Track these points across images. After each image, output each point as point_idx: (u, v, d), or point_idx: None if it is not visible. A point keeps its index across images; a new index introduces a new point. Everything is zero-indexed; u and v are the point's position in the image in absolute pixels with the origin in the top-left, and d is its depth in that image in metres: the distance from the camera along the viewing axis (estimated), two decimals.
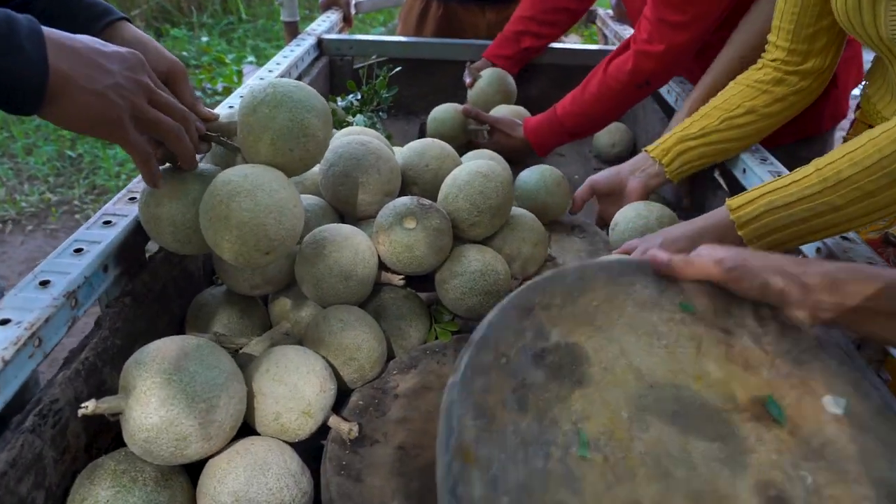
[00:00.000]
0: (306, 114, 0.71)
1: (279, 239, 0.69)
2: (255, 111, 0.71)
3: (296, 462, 0.65)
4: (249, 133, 0.71)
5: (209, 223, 0.68)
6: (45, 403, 0.59)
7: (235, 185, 0.67)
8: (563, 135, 1.35)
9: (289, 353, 0.71)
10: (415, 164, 0.99)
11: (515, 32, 1.60)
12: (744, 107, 0.99)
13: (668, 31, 1.12)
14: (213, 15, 4.90)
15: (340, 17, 1.92)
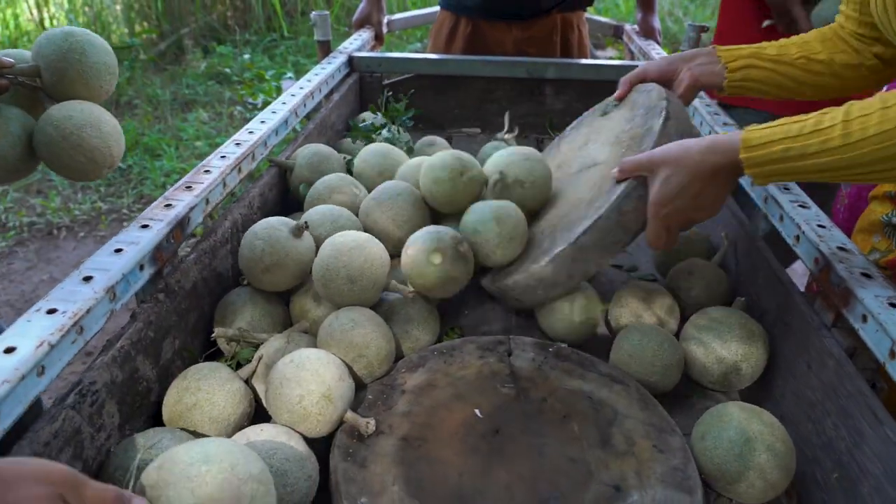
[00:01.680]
0: (107, 56, 0.84)
1: (116, 156, 0.83)
2: (64, 58, 0.80)
3: (302, 447, 0.70)
4: (62, 75, 0.81)
5: (60, 149, 0.79)
6: (85, 384, 0.66)
7: (80, 119, 0.79)
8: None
9: (310, 349, 0.77)
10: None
11: None
12: (824, 53, 0.95)
13: None
14: (256, 32, 5.09)
15: (372, 35, 2.00)
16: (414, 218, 1.02)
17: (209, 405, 0.75)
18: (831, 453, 0.73)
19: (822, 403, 0.76)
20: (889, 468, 0.64)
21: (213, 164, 1.00)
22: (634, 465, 0.72)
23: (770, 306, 0.92)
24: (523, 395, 0.82)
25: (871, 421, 0.67)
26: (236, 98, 3.98)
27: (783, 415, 0.84)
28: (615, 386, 0.83)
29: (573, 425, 0.77)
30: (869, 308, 0.71)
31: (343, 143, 1.48)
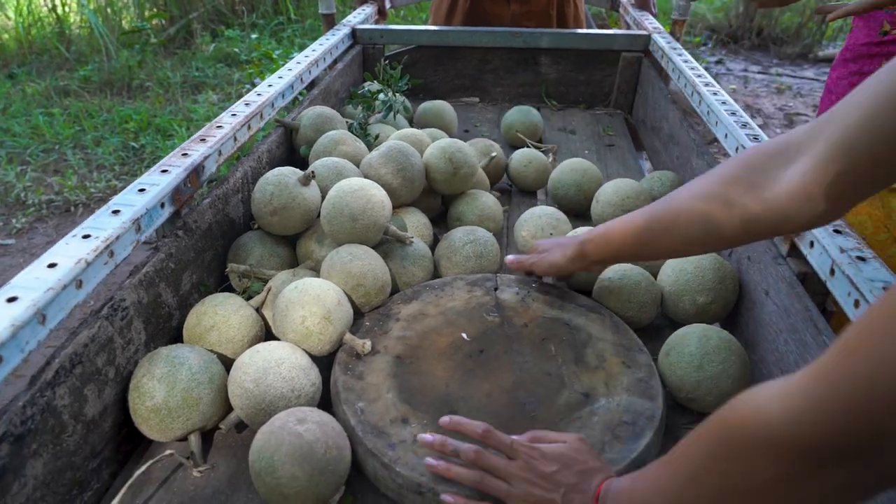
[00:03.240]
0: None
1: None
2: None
3: (306, 359, 0.79)
4: None
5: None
6: (116, 300, 0.75)
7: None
8: None
9: (312, 279, 0.86)
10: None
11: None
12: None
13: None
14: (264, 16, 5.16)
15: (375, 10, 2.07)
16: (415, 180, 1.10)
17: (225, 327, 0.84)
18: (783, 367, 0.81)
19: (776, 324, 0.84)
20: None
21: (224, 120, 1.09)
22: (603, 378, 0.81)
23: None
24: (507, 322, 0.90)
25: (814, 332, 0.75)
26: (245, 79, 4.06)
27: (746, 339, 0.92)
28: (591, 315, 0.92)
29: (550, 346, 0.86)
30: (815, 235, 0.79)
31: (346, 110, 1.56)
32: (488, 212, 1.15)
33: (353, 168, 1.09)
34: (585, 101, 1.85)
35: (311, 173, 0.99)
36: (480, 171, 1.24)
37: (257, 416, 0.74)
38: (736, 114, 1.15)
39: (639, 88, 1.78)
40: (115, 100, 3.91)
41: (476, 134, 1.67)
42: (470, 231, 1.04)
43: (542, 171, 1.33)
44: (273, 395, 0.74)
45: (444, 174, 1.13)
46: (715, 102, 1.21)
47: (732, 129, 1.10)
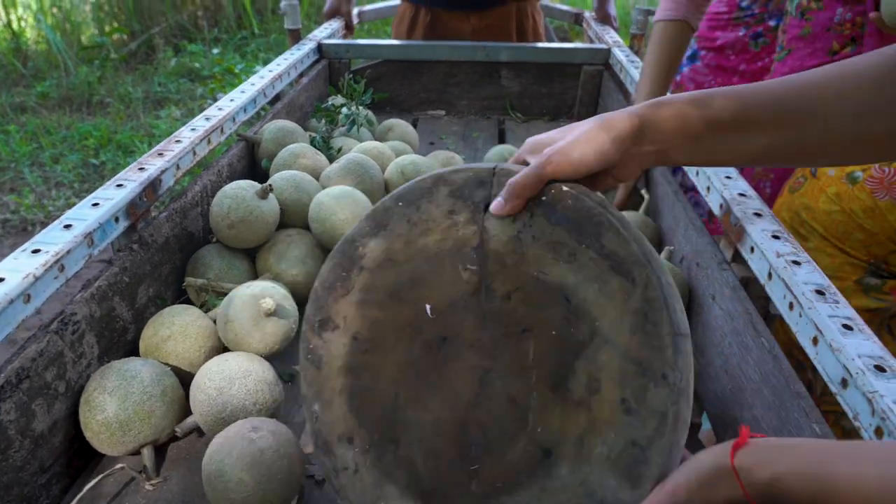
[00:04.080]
0: None
1: None
2: None
3: (272, 374, 0.80)
4: None
5: None
6: (67, 314, 0.74)
7: None
8: None
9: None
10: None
11: None
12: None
13: None
14: (227, 30, 5.14)
15: (342, 25, 2.09)
16: (373, 193, 1.12)
17: (182, 337, 0.83)
18: (727, 369, 0.84)
19: (721, 328, 0.88)
20: (764, 373, 0.75)
21: (183, 135, 1.09)
22: (582, 425, 0.54)
23: (688, 251, 1.03)
24: (485, 287, 0.61)
25: (753, 334, 0.78)
26: (207, 94, 4.04)
27: (696, 343, 0.96)
28: (613, 280, 0.56)
29: (530, 347, 0.58)
30: (755, 240, 0.82)
31: (310, 124, 1.57)
32: None
33: (311, 181, 1.09)
34: (549, 114, 1.89)
35: (268, 186, 1.00)
36: None
37: (215, 424, 0.74)
38: None
39: (600, 101, 1.83)
40: (74, 116, 3.84)
41: (441, 146, 1.69)
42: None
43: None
44: (234, 406, 0.74)
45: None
46: None
47: None
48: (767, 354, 0.75)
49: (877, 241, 1.04)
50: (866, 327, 0.67)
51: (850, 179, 1.06)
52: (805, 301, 0.71)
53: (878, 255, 1.05)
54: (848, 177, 1.06)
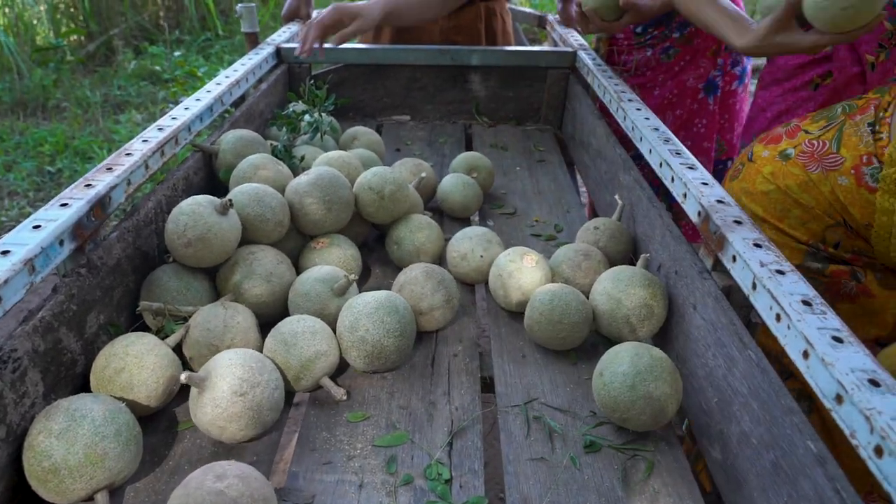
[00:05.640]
0: None
1: None
2: None
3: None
4: None
5: None
6: (6, 351, 0.68)
7: None
8: None
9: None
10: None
11: None
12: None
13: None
14: (190, 32, 5.00)
15: (302, 28, 2.03)
16: (342, 210, 1.07)
17: (138, 368, 0.77)
18: (712, 381, 0.82)
19: (704, 339, 0.85)
20: (752, 386, 0.73)
21: (134, 147, 1.02)
22: None
23: (665, 259, 1.01)
24: None
25: (739, 346, 0.76)
26: (170, 97, 3.92)
27: (677, 353, 0.93)
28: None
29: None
30: (737, 249, 0.80)
31: (271, 132, 1.51)
32: (427, 232, 1.12)
33: (274, 194, 1.04)
34: (516, 118, 1.86)
35: (227, 202, 0.94)
36: (413, 192, 1.22)
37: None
38: (659, 129, 1.17)
39: (567, 104, 1.81)
40: (28, 121, 3.68)
41: (407, 153, 1.64)
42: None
43: (472, 198, 1.31)
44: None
45: (374, 206, 1.11)
46: (639, 118, 1.23)
47: (656, 145, 1.11)
48: (755, 367, 0.73)
49: (813, 215, 1.05)
50: (855, 338, 0.64)
51: (783, 157, 1.07)
52: (793, 313, 0.68)
53: (816, 231, 1.06)
54: (781, 154, 1.08)
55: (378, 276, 1.15)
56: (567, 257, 1.05)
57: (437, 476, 0.76)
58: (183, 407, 0.85)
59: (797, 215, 1.07)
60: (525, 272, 1.01)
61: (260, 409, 0.78)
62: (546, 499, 0.74)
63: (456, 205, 1.30)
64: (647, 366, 0.80)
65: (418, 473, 0.77)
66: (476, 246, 1.08)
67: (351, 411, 0.86)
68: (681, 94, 1.66)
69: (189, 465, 0.77)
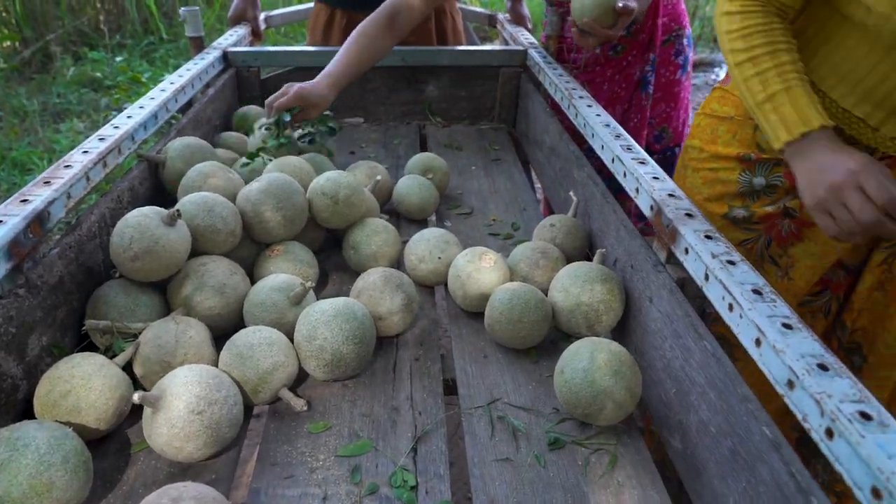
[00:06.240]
0: None
1: None
2: None
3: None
4: None
5: None
6: None
7: None
8: None
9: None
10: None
11: None
12: None
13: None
14: (132, 36, 4.84)
15: (249, 31, 1.98)
16: (295, 218, 1.05)
17: (85, 391, 0.74)
18: (670, 372, 0.83)
19: (661, 331, 0.86)
20: (709, 375, 0.74)
21: (74, 158, 0.98)
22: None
23: (621, 253, 1.02)
24: None
25: (695, 337, 0.77)
26: (113, 104, 3.78)
27: (635, 346, 0.94)
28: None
29: None
30: (689, 242, 0.81)
31: (221, 138, 1.47)
32: (384, 235, 1.10)
33: (225, 203, 1.01)
34: (470, 117, 1.86)
35: (175, 212, 0.91)
36: (369, 195, 1.20)
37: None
38: (610, 125, 1.19)
39: (520, 103, 1.82)
40: None
41: (362, 155, 1.63)
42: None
43: (428, 199, 1.30)
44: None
45: (329, 212, 1.09)
46: (591, 114, 1.25)
47: (608, 141, 1.13)
48: (711, 357, 0.74)
49: (738, 123, 1.10)
50: (804, 324, 0.66)
51: (711, 94, 1.19)
52: (745, 302, 0.70)
53: (745, 138, 1.09)
54: (711, 92, 1.19)
55: (336, 282, 1.14)
56: (525, 255, 1.05)
57: (403, 483, 0.75)
58: (136, 428, 0.82)
59: (725, 129, 1.13)
60: (483, 272, 1.01)
61: (218, 427, 0.75)
62: (512, 499, 0.74)
63: (413, 206, 1.29)
64: (606, 361, 0.80)
65: (383, 482, 0.76)
66: (434, 248, 1.07)
67: (312, 422, 0.84)
68: (628, 88, 1.69)
69: (144, 488, 0.74)
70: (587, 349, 0.82)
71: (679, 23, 1.68)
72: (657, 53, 1.66)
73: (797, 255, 1.07)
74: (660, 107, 1.73)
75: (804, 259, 1.07)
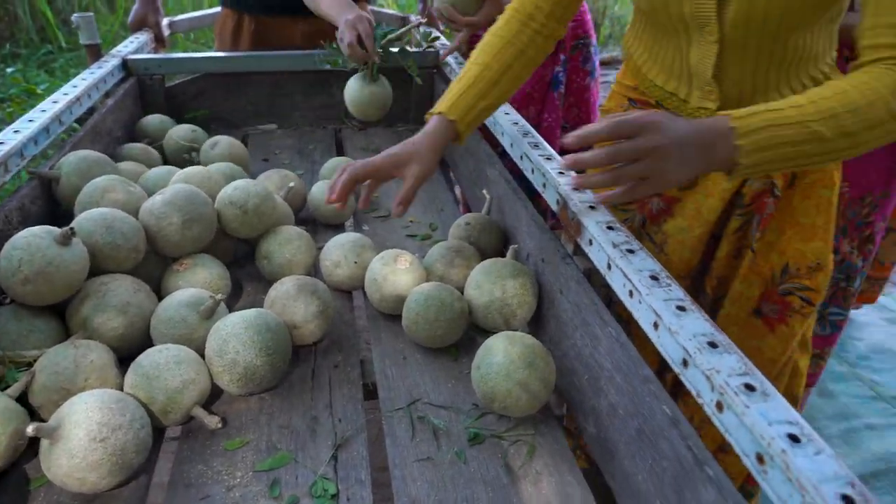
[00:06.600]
0: None
1: None
2: None
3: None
4: None
5: None
6: None
7: None
8: None
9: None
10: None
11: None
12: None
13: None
14: (27, 45, 4.55)
15: (151, 37, 1.91)
16: (203, 230, 1.02)
17: None
18: (582, 360, 0.86)
19: (571, 321, 0.89)
20: (615, 360, 0.77)
21: None
22: None
23: (532, 248, 1.05)
24: None
25: (601, 324, 0.80)
26: (6, 118, 3.54)
27: (550, 337, 0.97)
28: None
29: None
30: (592, 233, 0.84)
31: (124, 150, 1.40)
32: (297, 243, 1.08)
33: (126, 218, 0.97)
34: (386, 119, 1.85)
35: (69, 231, 0.86)
36: (282, 203, 1.18)
37: None
38: (518, 123, 1.21)
39: (434, 104, 1.83)
40: None
41: (276, 162, 1.59)
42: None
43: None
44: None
45: (239, 221, 1.06)
46: (500, 113, 1.27)
47: (516, 139, 1.15)
48: (615, 343, 0.77)
49: (632, 66, 1.11)
50: (696, 305, 0.70)
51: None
52: (643, 288, 0.73)
53: (638, 69, 1.09)
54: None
55: (250, 293, 1.11)
56: (440, 255, 1.06)
57: (323, 492, 0.75)
58: (35, 462, 0.77)
59: (622, 69, 1.15)
60: (399, 274, 1.01)
61: (124, 453, 0.72)
62: (434, 497, 0.75)
63: (328, 212, 1.28)
64: (520, 354, 0.82)
65: (304, 493, 0.75)
66: (349, 253, 1.07)
67: (228, 439, 0.82)
68: (541, 88, 1.74)
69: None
70: (501, 344, 0.84)
71: (585, 31, 1.74)
72: (567, 55, 1.71)
73: (669, 230, 1.07)
74: (572, 111, 1.79)
75: (675, 234, 1.07)
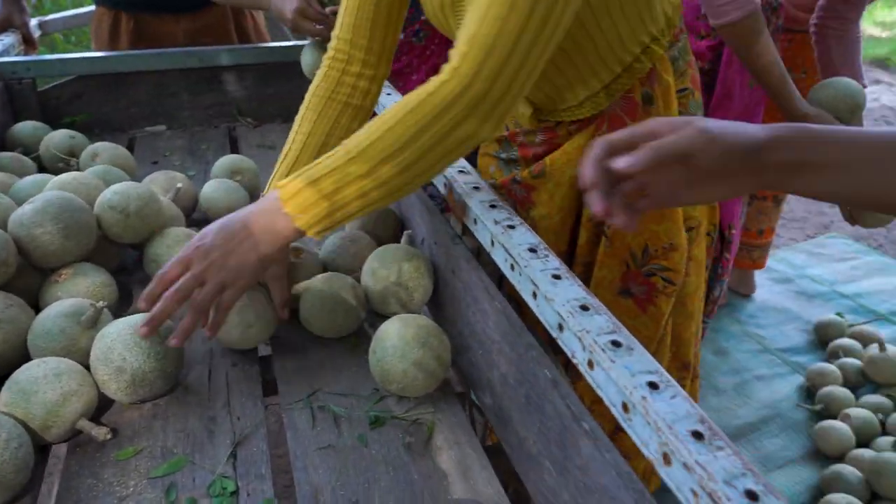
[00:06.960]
0: None
1: None
2: None
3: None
4: None
5: None
6: None
7: None
8: None
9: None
10: None
11: None
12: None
13: None
14: None
15: (19, 39, 1.78)
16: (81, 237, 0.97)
17: None
18: (475, 335, 0.89)
19: (464, 299, 0.92)
20: (502, 331, 0.81)
21: None
22: None
23: (426, 232, 1.07)
24: None
25: (488, 299, 0.84)
26: None
27: (446, 317, 1.00)
28: None
29: None
30: (476, 212, 0.87)
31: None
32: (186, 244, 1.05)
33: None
34: (281, 115, 1.83)
35: None
36: (171, 205, 1.14)
37: None
38: None
39: None
40: None
41: (166, 164, 1.53)
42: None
43: (237, 201, 1.26)
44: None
45: (121, 226, 1.02)
46: (389, 102, 1.28)
47: None
48: (501, 315, 0.81)
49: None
50: (571, 274, 0.74)
51: None
52: (522, 261, 0.77)
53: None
54: None
55: None
56: (335, 245, 1.06)
57: (223, 490, 0.74)
58: None
59: None
60: (294, 268, 1.00)
61: (2, 474, 0.68)
62: (336, 482, 0.76)
63: (222, 211, 1.24)
64: (413, 335, 0.84)
65: (202, 494, 0.74)
66: None
67: (120, 449, 0.79)
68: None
69: None
70: (394, 327, 0.86)
71: None
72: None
73: (535, 216, 1.08)
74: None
75: (539, 221, 1.08)
